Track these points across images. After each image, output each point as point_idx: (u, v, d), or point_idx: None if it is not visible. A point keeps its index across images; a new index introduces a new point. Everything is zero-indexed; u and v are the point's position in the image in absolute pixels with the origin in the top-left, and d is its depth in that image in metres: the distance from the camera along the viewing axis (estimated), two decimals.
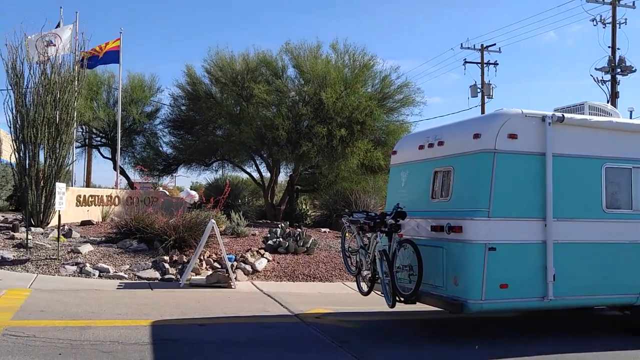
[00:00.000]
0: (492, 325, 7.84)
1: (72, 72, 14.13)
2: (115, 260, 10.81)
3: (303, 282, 10.74)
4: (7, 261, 10.23)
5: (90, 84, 22.86)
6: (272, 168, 22.87)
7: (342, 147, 18.70)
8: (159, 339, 6.14)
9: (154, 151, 26.60)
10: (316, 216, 22.74)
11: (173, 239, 11.41)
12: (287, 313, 8.01)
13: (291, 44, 20.69)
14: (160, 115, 26.88)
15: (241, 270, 10.72)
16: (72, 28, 16.01)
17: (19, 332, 6.04)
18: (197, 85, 22.89)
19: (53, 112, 13.40)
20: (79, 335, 6.07)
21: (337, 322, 7.55)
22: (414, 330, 7.60)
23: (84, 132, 25.98)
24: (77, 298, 8.20)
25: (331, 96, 18.36)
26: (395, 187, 8.28)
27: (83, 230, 13.71)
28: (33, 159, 13.29)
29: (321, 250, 12.95)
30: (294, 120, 18.87)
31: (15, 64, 13.43)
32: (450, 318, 7.89)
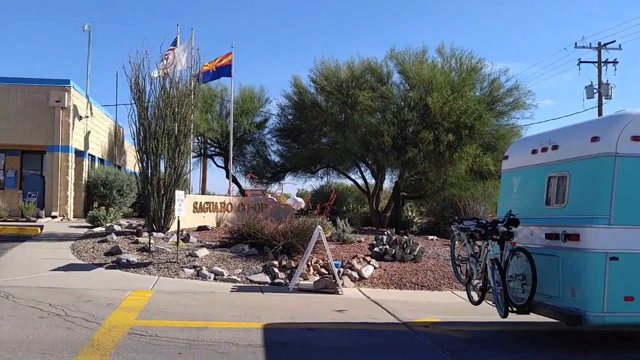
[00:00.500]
0: (615, 340, 7.26)
1: (189, 87, 14.98)
2: (228, 264, 11.28)
3: (410, 290, 10.59)
4: (131, 264, 11.01)
5: (205, 97, 24.17)
6: (377, 175, 22.82)
7: (450, 153, 18.27)
8: (270, 341, 6.31)
9: (262, 159, 27.57)
10: (422, 223, 22.38)
11: (282, 245, 11.72)
12: (395, 321, 7.92)
13: (396, 50, 20.63)
14: (269, 125, 27.86)
15: (348, 276, 10.77)
16: (188, 44, 17.03)
17: (143, 331, 6.45)
18: (303, 94, 23.44)
19: (172, 124, 14.27)
20: (197, 336, 6.37)
21: (447, 331, 7.35)
22: (527, 342, 7.23)
23: (200, 143, 27.49)
24: (194, 300, 8.64)
25: (438, 101, 18.03)
26: (507, 193, 7.95)
27: (199, 235, 14.46)
28: (154, 168, 14.22)
29: (429, 258, 12.71)
30: (399, 126, 18.73)
31: (138, 80, 14.44)
32: (566, 330, 7.43)
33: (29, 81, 19.76)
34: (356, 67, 21.54)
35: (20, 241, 13.54)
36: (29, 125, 19.48)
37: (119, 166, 27.33)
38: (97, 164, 23.85)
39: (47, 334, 6.18)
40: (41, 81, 19.83)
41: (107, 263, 11.13)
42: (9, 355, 5.37)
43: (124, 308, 7.70)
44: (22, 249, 12.56)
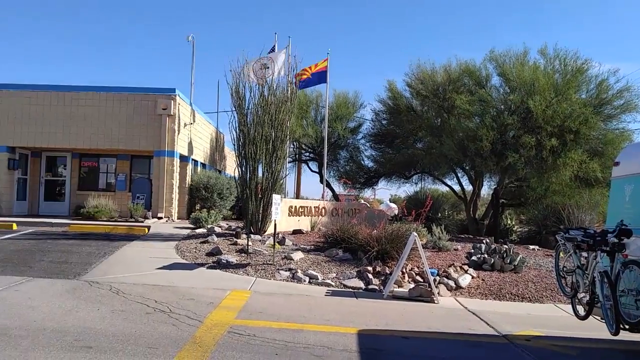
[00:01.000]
0: None
1: (286, 94, 15.31)
2: (322, 268, 11.37)
3: (510, 302, 10.13)
4: (231, 265, 11.38)
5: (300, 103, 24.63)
6: (475, 181, 22.14)
7: (553, 158, 17.36)
8: (365, 347, 6.26)
9: (356, 165, 27.66)
10: (523, 232, 21.42)
11: (376, 250, 11.64)
12: (494, 333, 7.60)
13: (496, 52, 19.96)
14: (363, 130, 27.94)
15: (444, 285, 10.49)
16: (285, 52, 17.42)
17: (241, 331, 6.63)
18: (397, 99, 23.27)
19: (270, 130, 14.64)
20: (293, 338, 6.46)
21: (550, 346, 6.95)
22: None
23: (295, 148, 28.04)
24: (289, 302, 8.77)
25: (540, 104, 17.21)
26: (617, 201, 7.39)
27: (294, 239, 14.71)
28: (253, 173, 14.64)
29: (530, 268, 12.12)
30: (498, 131, 18.08)
31: (238, 88, 14.94)
32: None
33: (138, 90, 21.04)
34: (453, 70, 21.08)
35: (130, 240, 14.42)
36: (138, 132, 20.74)
37: (220, 170, 28.42)
38: (200, 169, 24.93)
39: (153, 329, 6.51)
40: (149, 90, 21.02)
41: (208, 263, 11.57)
42: (120, 347, 5.72)
43: (224, 307, 7.97)
44: (131, 247, 13.37)
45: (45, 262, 10.99)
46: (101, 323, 6.66)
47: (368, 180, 27.51)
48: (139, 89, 21.05)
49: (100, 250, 12.56)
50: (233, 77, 14.85)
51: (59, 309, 7.33)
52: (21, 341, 5.77)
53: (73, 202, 22.02)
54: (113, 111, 20.79)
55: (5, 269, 10.28)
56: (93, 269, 10.56)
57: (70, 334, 6.12)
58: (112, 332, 6.25)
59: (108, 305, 7.65)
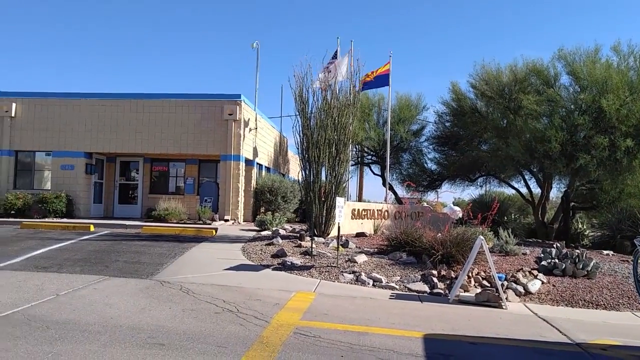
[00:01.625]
0: None
1: (349, 97, 15.37)
2: (386, 271, 11.33)
3: (583, 309, 9.73)
4: (295, 266, 11.53)
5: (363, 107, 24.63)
6: (543, 183, 21.43)
7: (628, 159, 16.56)
8: (431, 352, 6.21)
9: (419, 167, 27.36)
10: (595, 237, 20.51)
11: (440, 254, 11.49)
12: (566, 341, 7.34)
13: (565, 50, 19.24)
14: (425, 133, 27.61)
15: (512, 290, 10.22)
16: (348, 55, 17.48)
17: (307, 332, 6.72)
18: (461, 100, 22.86)
19: (332, 133, 14.74)
20: (358, 340, 6.48)
21: (628, 356, 6.64)
22: None
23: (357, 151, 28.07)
24: (354, 304, 8.80)
25: (614, 103, 16.47)
26: None
27: (358, 241, 14.72)
28: (316, 176, 14.77)
29: (604, 274, 11.62)
30: (568, 131, 17.43)
31: (302, 92, 15.12)
32: None
33: (205, 97, 21.70)
34: (519, 70, 20.50)
35: (198, 242, 14.88)
36: (205, 137, 21.37)
37: (283, 174, 28.84)
38: (264, 172, 25.39)
39: (221, 328, 6.71)
40: (216, 96, 21.65)
41: (274, 265, 11.77)
42: (191, 345, 5.94)
43: (289, 308, 8.09)
44: (199, 249, 13.79)
45: (120, 262, 11.52)
46: (172, 321, 6.92)
47: (431, 183, 27.14)
48: (206, 95, 21.72)
49: (170, 251, 13.03)
50: (296, 81, 15.05)
51: (134, 307, 7.68)
52: (100, 337, 6.10)
53: (145, 205, 22.96)
54: (182, 117, 21.53)
55: (84, 268, 10.86)
56: (164, 269, 10.98)
57: (144, 331, 6.41)
58: (182, 330, 6.49)
59: (179, 304, 7.94)
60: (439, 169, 26.62)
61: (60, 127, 21.87)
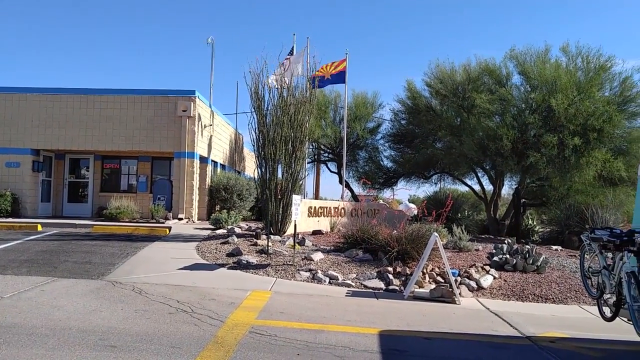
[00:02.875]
0: None
1: (305, 94, 15.32)
2: (343, 269, 11.35)
3: (533, 303, 10.00)
4: (251, 265, 11.42)
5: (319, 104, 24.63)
6: (495, 181, 21.93)
7: (576, 157, 17.11)
8: (387, 348, 6.24)
9: (375, 165, 27.56)
10: (545, 232, 21.16)
11: (396, 251, 11.60)
12: (517, 334, 7.51)
13: (516, 50, 19.73)
14: (382, 130, 27.84)
15: (465, 286, 10.41)
16: (304, 52, 17.44)
17: (262, 331, 6.65)
18: (417, 99, 23.14)
19: (289, 131, 14.66)
20: (314, 338, 6.45)
21: (576, 348, 6.85)
22: None
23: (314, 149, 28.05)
24: (310, 302, 8.77)
25: (562, 102, 16.99)
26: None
27: (314, 239, 14.71)
28: (272, 173, 14.67)
29: (553, 269, 11.97)
30: (519, 130, 17.88)
31: (257, 89, 14.98)
32: None
33: (158, 92, 21.24)
34: (473, 69, 20.90)
35: (151, 241, 14.56)
36: (159, 134, 20.93)
37: (239, 172, 28.58)
38: (219, 170, 25.08)
39: (175, 328, 6.56)
40: (169, 92, 21.22)
41: (229, 264, 11.63)
42: (144, 346, 5.78)
43: (245, 307, 8.00)
44: (152, 248, 13.50)
45: (69, 263, 11.15)
46: (125, 323, 6.73)
47: (387, 180, 27.39)
48: (159, 91, 21.27)
49: (122, 251, 12.71)
50: (252, 78, 14.90)
51: (83, 308, 7.43)
52: (47, 340, 5.86)
53: (96, 203, 22.33)
54: (134, 113, 21.03)
55: (30, 269, 10.45)
56: (116, 270, 10.69)
57: (94, 333, 6.20)
58: (135, 332, 6.31)
59: (131, 305, 7.73)
60: (394, 167, 26.89)
61: (4, 122, 21.01)
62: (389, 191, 27.74)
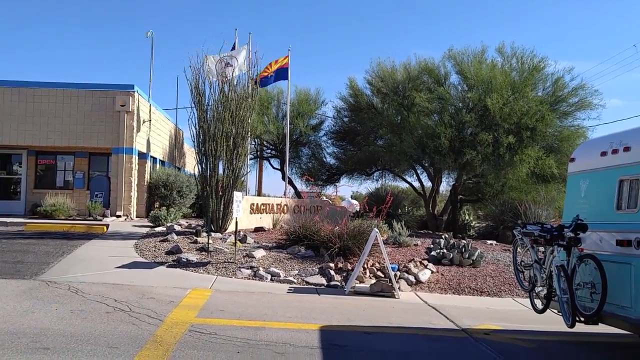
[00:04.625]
0: None
1: (247, 90, 15.22)
2: (285, 265, 11.38)
3: (469, 296, 10.36)
4: (191, 263, 11.28)
5: (262, 100, 24.47)
6: (434, 177, 22.50)
7: (510, 155, 17.79)
8: (327, 343, 6.32)
9: (318, 162, 27.67)
10: (480, 227, 21.90)
11: (338, 247, 11.72)
12: (453, 327, 7.77)
13: (454, 50, 20.28)
14: (325, 127, 27.95)
15: (404, 280, 10.65)
16: (246, 48, 17.27)
17: (202, 329, 6.59)
18: (358, 96, 23.39)
19: (230, 126, 14.53)
20: (254, 335, 6.46)
21: (509, 339, 7.15)
22: (595, 354, 6.93)
23: (256, 145, 27.87)
24: (251, 300, 8.76)
25: (497, 102, 17.60)
26: (573, 197, 7.63)
27: (256, 236, 14.66)
28: (213, 170, 14.51)
29: (488, 263, 12.42)
30: (456, 128, 18.41)
31: (198, 84, 14.77)
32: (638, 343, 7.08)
33: (96, 87, 20.59)
34: (413, 68, 21.32)
35: (88, 239, 14.12)
36: (96, 129, 20.30)
37: (179, 168, 28.07)
38: (159, 166, 24.57)
39: (113, 328, 6.41)
40: (107, 86, 20.62)
41: (168, 262, 11.45)
42: (79, 347, 5.62)
43: (185, 306, 7.90)
44: (89, 246, 13.10)
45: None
46: (59, 323, 6.52)
47: (330, 177, 27.58)
48: (96, 85, 20.63)
49: (57, 250, 12.27)
50: (193, 73, 14.71)
51: (14, 310, 7.14)
52: None
53: (29, 200, 21.39)
54: (70, 108, 20.31)
55: None
56: (50, 269, 10.31)
57: (26, 335, 5.97)
58: (70, 333, 6.12)
59: (66, 305, 7.49)
60: (337, 164, 27.11)
61: None
62: (331, 188, 27.97)
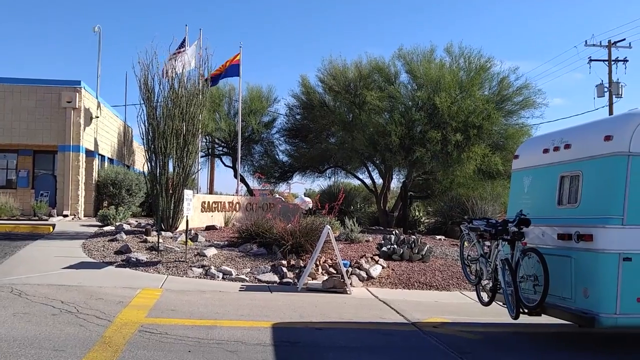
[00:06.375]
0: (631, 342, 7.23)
1: (197, 86, 15.05)
2: (237, 264, 11.34)
3: (419, 290, 10.60)
4: (141, 263, 11.09)
5: (213, 97, 24.21)
6: (385, 174, 22.82)
7: (458, 153, 18.25)
8: (279, 340, 6.35)
9: (270, 159, 27.61)
10: (430, 223, 22.36)
11: (290, 244, 11.76)
12: (403, 321, 7.94)
13: (404, 49, 20.62)
14: (277, 125, 27.91)
15: (356, 276, 10.79)
16: (197, 44, 17.07)
17: (152, 329, 6.51)
18: (311, 94, 23.46)
19: (180, 124, 14.34)
20: (206, 334, 6.42)
21: (456, 332, 7.36)
22: (539, 344, 7.22)
23: (208, 142, 27.55)
24: (203, 299, 8.70)
25: (446, 100, 18.01)
26: (517, 193, 7.92)
27: (207, 235, 14.53)
28: (163, 168, 14.29)
29: (437, 258, 12.72)
30: (406, 126, 18.73)
31: (147, 80, 14.51)
32: (580, 332, 7.41)
33: (40, 82, 19.96)
34: (364, 67, 21.53)
35: (33, 239, 13.68)
36: (41, 126, 19.68)
37: (128, 166, 27.49)
38: (107, 164, 24.02)
39: (59, 331, 6.25)
40: (52, 82, 20.03)
41: (117, 261, 11.23)
42: (22, 351, 5.45)
43: (134, 306, 7.78)
44: (34, 247, 12.69)
45: None
46: (1, 327, 6.30)
47: (283, 174, 27.57)
48: (41, 80, 20.02)
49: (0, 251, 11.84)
50: (142, 69, 14.44)
51: None
52: None
53: None
54: (13, 104, 19.64)
55: None
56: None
57: None
58: (13, 337, 5.93)
59: (9, 308, 7.24)
60: (290, 161, 27.13)
61: None
62: (284, 185, 27.96)
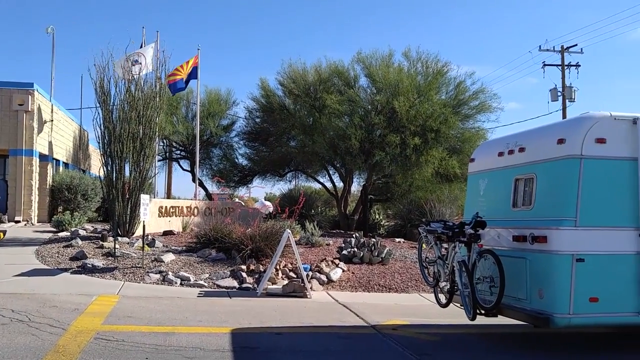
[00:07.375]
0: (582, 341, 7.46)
1: (154, 89, 14.82)
2: (195, 269, 11.20)
3: (378, 293, 10.69)
4: (97, 269, 10.84)
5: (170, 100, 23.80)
6: (345, 178, 22.92)
7: (416, 156, 18.49)
8: (238, 346, 6.31)
9: (230, 163, 27.35)
10: (390, 226, 22.54)
11: (250, 249, 11.69)
12: (363, 324, 7.99)
13: (363, 54, 20.77)
14: (236, 128, 27.67)
15: (316, 280, 10.80)
16: (154, 47, 16.82)
17: (109, 337, 6.38)
18: (270, 97, 23.36)
19: (137, 127, 14.10)
20: (164, 341, 6.32)
21: (415, 334, 7.45)
22: (496, 344, 7.38)
23: (165, 146, 27.13)
24: (161, 305, 8.56)
25: (404, 104, 18.24)
26: (473, 195, 8.07)
27: (165, 240, 14.30)
28: (119, 172, 14.01)
29: (396, 260, 12.84)
30: (366, 130, 18.88)
31: (103, 83, 14.23)
32: (535, 332, 7.60)
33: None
34: (324, 71, 21.59)
35: None
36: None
37: (84, 170, 26.82)
38: (62, 168, 23.40)
39: (9, 340, 6.04)
40: (3, 84, 19.41)
41: (72, 268, 10.95)
42: None
43: (90, 313, 7.60)
44: None
45: None
46: None
47: (242, 178, 27.35)
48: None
49: None
50: (97, 71, 14.16)
51: None
52: None
53: None
54: None
55: None
56: None
57: None
58: None
59: None
60: (250, 165, 26.94)
61: None
62: (244, 189, 27.74)
